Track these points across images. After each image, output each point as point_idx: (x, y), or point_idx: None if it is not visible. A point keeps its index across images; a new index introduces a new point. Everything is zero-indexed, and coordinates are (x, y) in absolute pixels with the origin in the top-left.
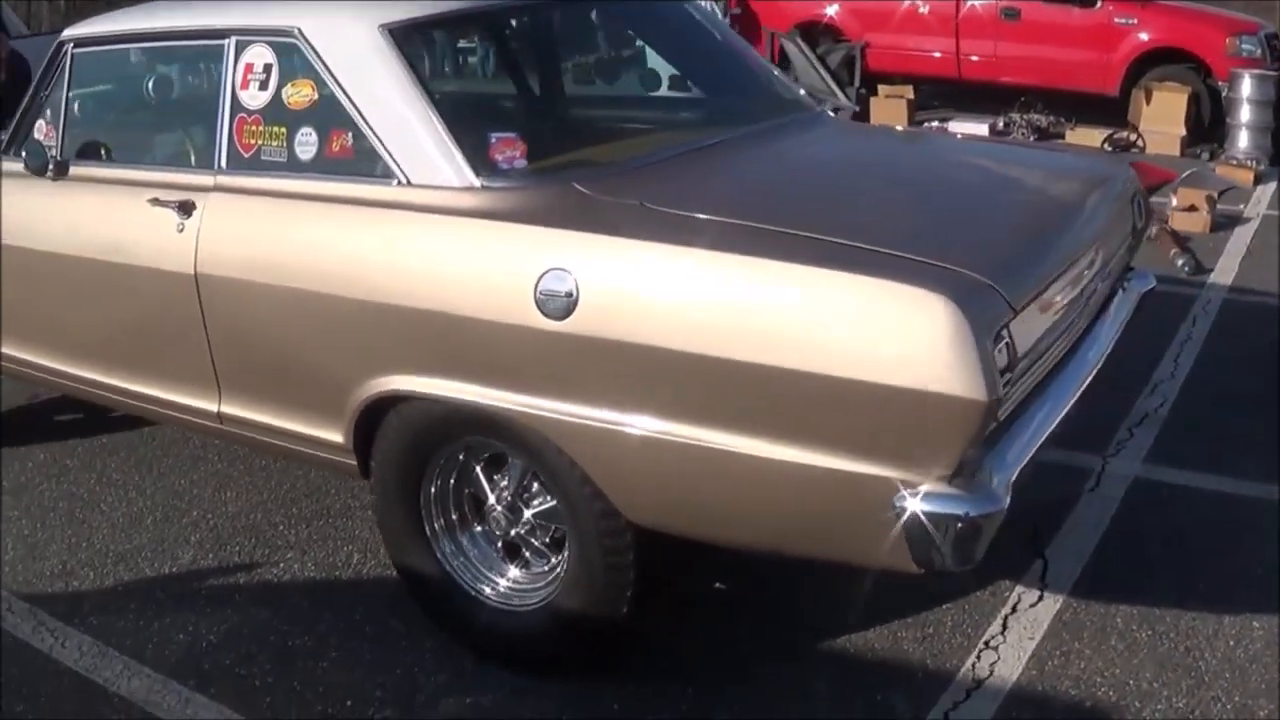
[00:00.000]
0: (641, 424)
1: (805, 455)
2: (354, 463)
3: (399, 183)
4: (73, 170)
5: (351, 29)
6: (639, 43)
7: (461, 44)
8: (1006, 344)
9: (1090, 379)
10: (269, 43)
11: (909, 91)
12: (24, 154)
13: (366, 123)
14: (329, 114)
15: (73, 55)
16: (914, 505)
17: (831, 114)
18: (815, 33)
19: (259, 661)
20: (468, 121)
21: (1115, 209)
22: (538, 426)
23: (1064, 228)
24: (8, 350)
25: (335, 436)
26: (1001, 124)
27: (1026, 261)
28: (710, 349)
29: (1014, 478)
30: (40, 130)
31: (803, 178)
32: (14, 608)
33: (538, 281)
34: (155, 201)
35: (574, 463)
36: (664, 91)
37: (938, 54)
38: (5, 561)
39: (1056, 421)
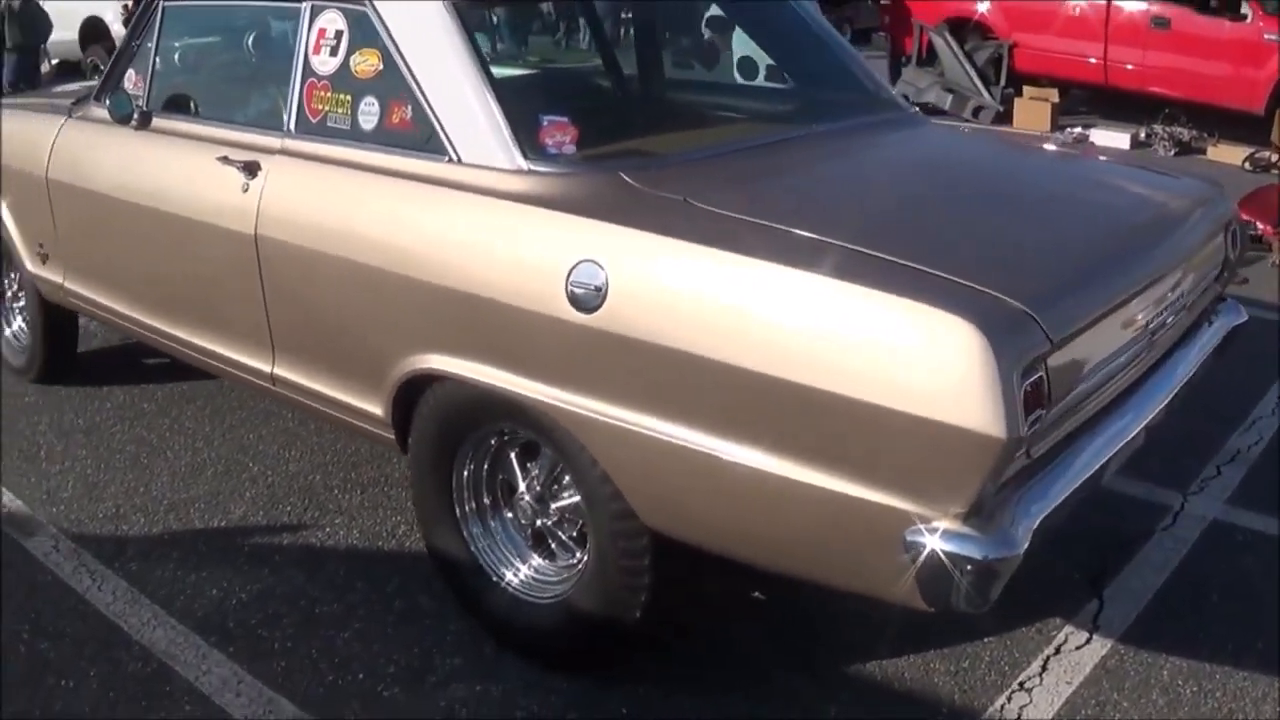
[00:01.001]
0: (659, 427)
1: (817, 476)
2: (393, 437)
3: (450, 160)
4: (155, 122)
5: (418, 1)
6: (719, 29)
7: (528, 22)
8: (1040, 379)
9: (1154, 419)
10: (341, 9)
11: (1054, 95)
12: (108, 103)
13: (424, 96)
14: (391, 85)
15: (163, 9)
16: (925, 541)
17: (922, 115)
18: (964, 29)
19: (283, 625)
20: (522, 102)
21: (1200, 237)
22: (561, 420)
23: (1131, 255)
24: (88, 294)
25: (376, 409)
26: (1143, 135)
27: (1077, 290)
28: (728, 356)
29: (1039, 522)
30: (130, 80)
31: (860, 183)
32: (60, 547)
33: (570, 272)
34: (224, 160)
35: (595, 460)
36: (746, 81)
37: (1085, 59)
38: (63, 500)
39: (1104, 463)
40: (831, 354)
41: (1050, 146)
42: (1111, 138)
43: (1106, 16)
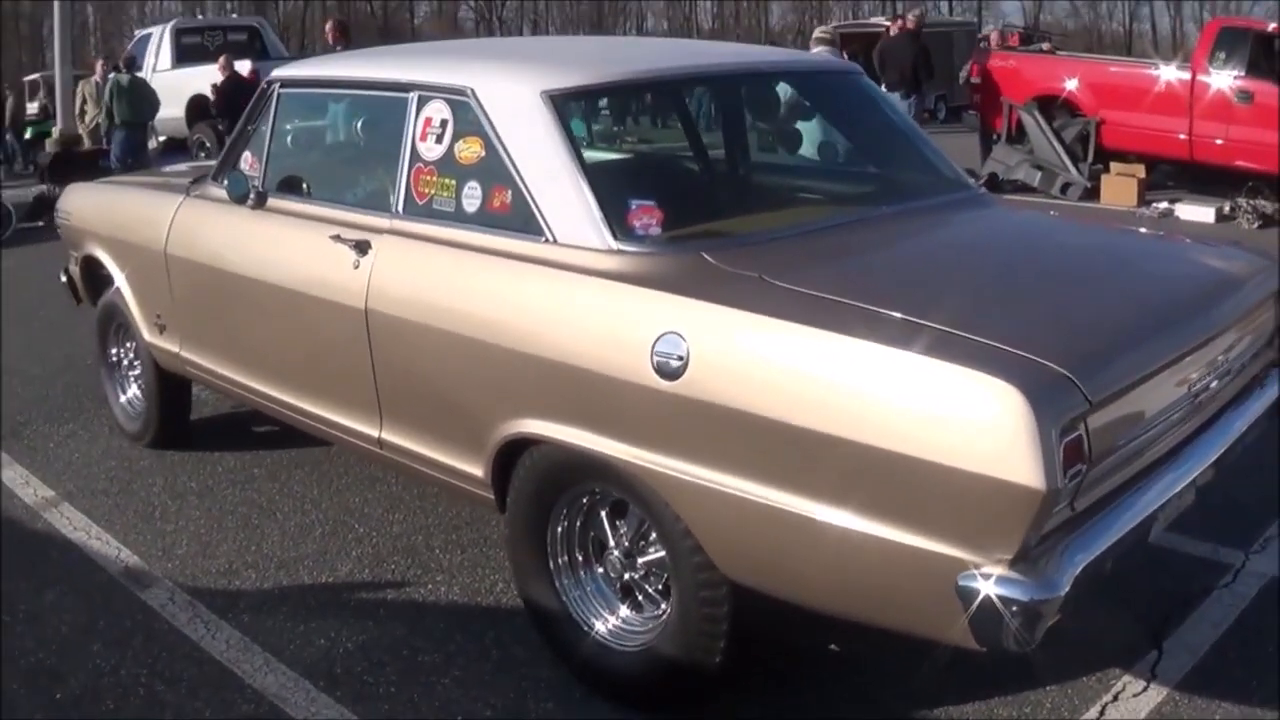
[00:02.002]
0: (735, 485)
1: (880, 528)
2: (492, 497)
3: (546, 240)
4: (270, 202)
5: (516, 92)
6: (797, 115)
7: (618, 110)
8: (1080, 437)
9: (1202, 478)
10: (446, 99)
11: (1140, 170)
12: (225, 183)
13: (523, 181)
14: (492, 171)
15: (279, 95)
16: (977, 585)
17: (989, 194)
18: (1052, 107)
19: (386, 672)
20: (612, 187)
21: (1247, 307)
22: (647, 479)
23: (1172, 323)
24: (204, 362)
25: (477, 471)
26: (1228, 208)
27: (1117, 355)
28: (796, 419)
29: (1081, 569)
30: (246, 161)
31: (921, 259)
32: (176, 599)
33: (655, 343)
34: (336, 238)
35: (678, 516)
36: (820, 163)
37: (1171, 134)
38: (178, 556)
39: (1148, 517)
40: (889, 415)
41: (1108, 222)
42: (1196, 212)
43: (1191, 92)
